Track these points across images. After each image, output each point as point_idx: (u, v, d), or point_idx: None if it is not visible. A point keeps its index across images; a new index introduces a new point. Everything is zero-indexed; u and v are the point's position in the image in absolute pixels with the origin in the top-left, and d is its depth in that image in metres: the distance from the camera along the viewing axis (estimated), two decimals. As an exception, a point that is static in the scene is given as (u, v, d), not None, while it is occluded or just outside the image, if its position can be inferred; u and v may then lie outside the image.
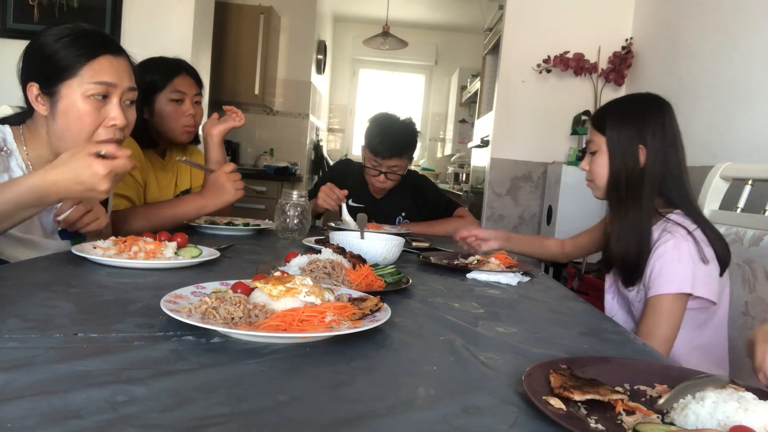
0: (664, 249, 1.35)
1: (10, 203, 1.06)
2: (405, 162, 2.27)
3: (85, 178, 1.05)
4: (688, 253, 1.33)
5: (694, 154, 2.51)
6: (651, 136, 1.40)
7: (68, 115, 1.24)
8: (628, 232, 1.41)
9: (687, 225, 1.37)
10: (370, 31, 5.71)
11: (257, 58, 4.57)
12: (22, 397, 0.54)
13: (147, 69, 1.84)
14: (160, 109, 1.84)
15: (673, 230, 1.37)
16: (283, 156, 5.15)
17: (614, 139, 1.44)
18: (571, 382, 0.64)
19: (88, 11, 3.10)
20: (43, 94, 1.25)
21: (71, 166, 1.06)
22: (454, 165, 6.22)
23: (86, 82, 1.24)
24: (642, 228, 1.40)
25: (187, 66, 1.93)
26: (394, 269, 1.23)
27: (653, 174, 1.40)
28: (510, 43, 3.46)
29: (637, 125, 1.42)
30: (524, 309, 1.14)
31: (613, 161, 1.45)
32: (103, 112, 1.27)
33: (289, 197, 1.78)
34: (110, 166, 1.06)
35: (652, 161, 1.40)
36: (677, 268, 1.33)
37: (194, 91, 1.91)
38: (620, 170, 1.43)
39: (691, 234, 1.35)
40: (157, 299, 0.82)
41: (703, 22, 2.63)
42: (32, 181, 1.07)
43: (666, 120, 1.43)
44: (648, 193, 1.40)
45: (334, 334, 0.76)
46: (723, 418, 0.57)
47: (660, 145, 1.40)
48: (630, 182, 1.42)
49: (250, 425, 0.53)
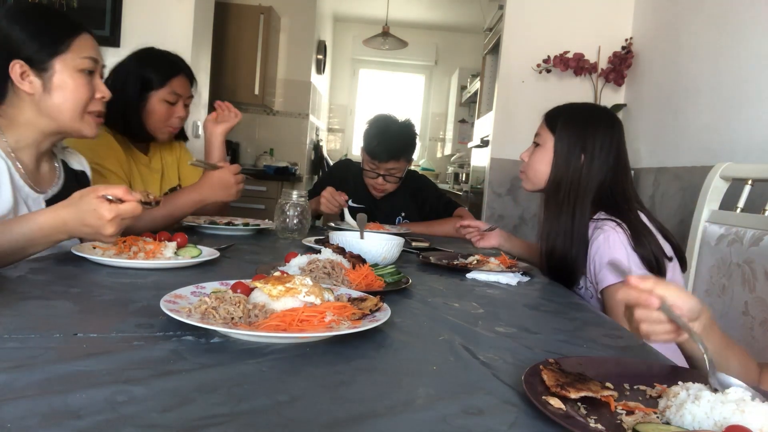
0: (597, 244, 1.42)
1: (21, 239, 1.07)
2: (403, 165, 2.26)
3: (91, 221, 1.06)
4: (619, 241, 1.39)
5: (694, 154, 2.52)
6: (597, 148, 1.46)
7: (65, 88, 1.27)
8: (559, 234, 1.47)
9: (614, 218, 1.44)
10: (370, 31, 5.71)
11: (257, 58, 4.58)
12: (22, 397, 0.54)
13: (146, 62, 1.84)
14: (152, 106, 1.82)
15: (601, 226, 1.43)
16: (283, 156, 5.15)
17: (561, 141, 1.50)
18: (564, 379, 0.64)
19: (88, 11, 3.10)
20: (35, 70, 1.25)
21: (80, 207, 1.06)
22: (454, 165, 6.22)
23: (78, 57, 1.28)
24: (574, 231, 1.45)
25: (185, 66, 1.91)
26: (394, 269, 1.23)
27: (588, 183, 1.46)
28: (510, 43, 3.46)
29: (585, 134, 1.48)
30: (524, 309, 1.14)
31: (556, 162, 1.50)
32: (92, 86, 1.32)
33: (288, 197, 1.78)
34: (116, 210, 1.06)
35: (587, 171, 1.46)
36: (614, 257, 1.38)
37: (188, 94, 1.90)
38: (561, 172, 1.49)
39: (620, 225, 1.41)
40: (157, 299, 0.82)
41: (703, 22, 2.63)
42: (43, 218, 1.07)
43: (614, 136, 1.49)
44: (581, 198, 1.46)
45: (334, 334, 0.76)
46: (720, 419, 0.57)
47: (604, 158, 1.46)
48: (568, 186, 1.48)
49: (250, 425, 0.53)
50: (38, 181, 1.33)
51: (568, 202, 1.47)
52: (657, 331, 0.73)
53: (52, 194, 1.35)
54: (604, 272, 1.39)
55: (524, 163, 1.59)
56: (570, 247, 1.45)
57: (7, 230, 1.06)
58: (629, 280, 0.73)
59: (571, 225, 1.46)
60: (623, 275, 0.75)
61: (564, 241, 1.46)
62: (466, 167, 5.65)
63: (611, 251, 1.38)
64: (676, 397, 0.62)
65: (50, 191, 1.35)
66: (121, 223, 1.08)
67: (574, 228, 1.45)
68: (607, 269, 1.38)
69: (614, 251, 1.38)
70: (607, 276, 1.39)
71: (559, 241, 1.47)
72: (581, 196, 1.46)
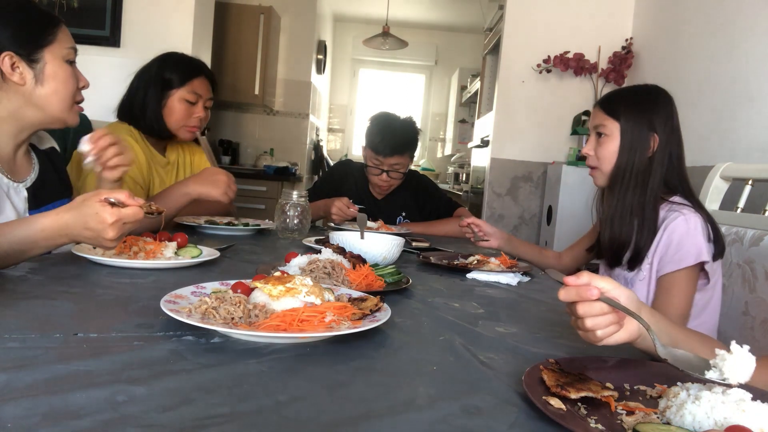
0: (675, 225, 1.40)
1: (23, 242, 1.07)
2: (406, 160, 2.27)
3: (93, 225, 1.06)
4: (698, 225, 1.39)
5: (694, 154, 2.52)
6: (661, 125, 1.45)
7: (56, 78, 1.30)
8: (627, 216, 1.45)
9: (689, 203, 1.44)
10: (370, 31, 5.71)
11: (257, 58, 4.58)
12: (22, 397, 0.54)
13: (168, 63, 1.87)
14: (172, 104, 1.86)
15: (679, 209, 1.42)
16: (283, 156, 5.15)
17: (629, 127, 1.47)
18: (564, 379, 0.64)
19: (88, 11, 3.10)
20: (25, 61, 1.27)
21: (82, 211, 1.06)
22: (454, 165, 6.22)
23: (64, 47, 1.31)
24: (645, 211, 1.44)
25: (207, 70, 1.97)
26: (394, 269, 1.23)
27: (661, 161, 1.45)
28: (510, 43, 3.46)
29: (649, 114, 1.46)
30: (524, 309, 1.14)
31: (625, 148, 1.47)
32: (76, 75, 1.35)
33: (289, 197, 1.78)
34: (118, 214, 1.06)
35: (661, 149, 1.45)
36: (691, 241, 1.38)
37: (208, 95, 1.93)
38: (630, 157, 1.46)
39: (698, 210, 1.41)
40: (157, 299, 0.82)
41: (703, 22, 2.63)
42: (45, 222, 1.07)
43: (672, 110, 1.49)
44: (657, 179, 1.45)
45: (334, 334, 0.76)
46: (720, 419, 0.57)
47: (668, 134, 1.46)
48: (636, 169, 1.45)
49: (250, 425, 0.53)
50: (15, 171, 1.34)
51: (636, 185, 1.45)
52: (601, 324, 0.74)
53: (31, 182, 1.36)
54: (680, 254, 1.38)
55: (590, 157, 1.54)
56: (641, 230, 1.44)
57: (8, 232, 1.06)
58: (566, 281, 0.75)
59: (642, 206, 1.44)
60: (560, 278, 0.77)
61: (630, 223, 1.45)
62: (466, 167, 5.65)
63: (691, 237, 1.37)
64: (677, 397, 0.62)
65: (29, 179, 1.37)
66: (123, 228, 1.08)
67: (645, 209, 1.44)
68: (683, 252, 1.38)
69: (694, 236, 1.38)
70: (683, 258, 1.38)
71: (632, 223, 1.45)
72: (656, 174, 1.44)
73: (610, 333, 0.75)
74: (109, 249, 1.14)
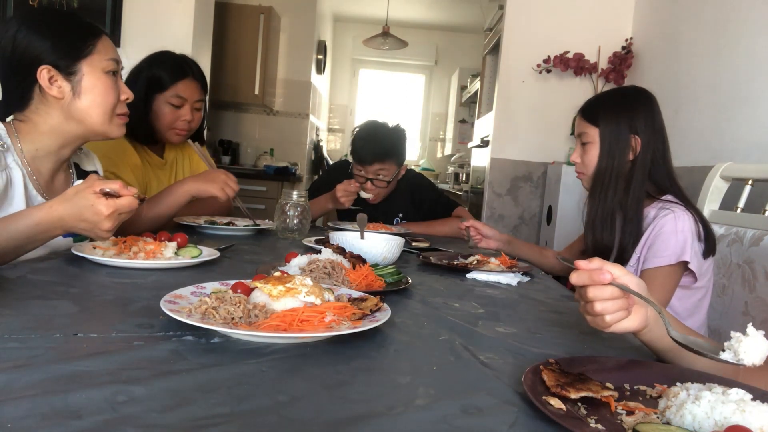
0: (664, 222, 1.42)
1: (19, 236, 1.07)
2: (390, 167, 2.23)
3: (88, 216, 1.06)
4: (688, 226, 1.40)
5: (694, 154, 2.52)
6: (642, 126, 1.47)
7: (95, 90, 1.28)
8: (608, 219, 1.47)
9: (681, 203, 1.45)
10: (370, 31, 5.71)
11: (257, 58, 4.58)
12: (22, 397, 0.54)
13: (155, 64, 1.84)
14: (157, 107, 1.84)
15: (671, 207, 1.44)
16: (283, 156, 5.16)
17: (608, 131, 1.49)
18: (564, 379, 0.64)
19: (88, 11, 3.10)
20: (63, 74, 1.25)
21: (76, 203, 1.06)
22: (454, 165, 6.22)
23: (104, 59, 1.29)
24: (627, 213, 1.46)
25: (196, 70, 1.91)
26: (394, 269, 1.23)
27: (644, 162, 1.47)
28: (510, 43, 3.46)
29: (629, 116, 1.48)
30: (524, 309, 1.14)
31: (604, 152, 1.49)
32: (117, 87, 1.33)
33: (289, 197, 1.78)
34: (114, 205, 1.06)
35: (644, 150, 1.47)
36: (675, 239, 1.39)
37: (196, 97, 1.89)
38: (609, 162, 1.48)
39: (689, 210, 1.42)
40: (157, 299, 0.82)
41: (703, 22, 2.63)
42: (39, 215, 1.07)
43: (654, 110, 1.50)
44: (639, 180, 1.47)
45: (334, 334, 0.76)
46: (720, 419, 0.57)
47: (650, 134, 1.47)
48: (616, 172, 1.48)
49: (250, 425, 0.53)
50: (53, 191, 1.32)
51: (616, 187, 1.47)
52: (610, 309, 0.74)
53: None
54: (660, 251, 1.40)
55: (578, 164, 1.58)
56: (624, 231, 1.46)
57: (3, 228, 1.05)
58: (578, 264, 0.76)
59: (623, 208, 1.46)
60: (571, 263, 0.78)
61: (611, 226, 1.47)
62: (466, 167, 5.65)
63: (676, 236, 1.39)
64: (677, 397, 0.62)
65: None
66: (119, 218, 1.08)
67: (627, 211, 1.46)
68: (662, 250, 1.39)
69: (679, 234, 1.39)
70: (661, 256, 1.39)
71: (607, 227, 1.47)
72: (638, 175, 1.46)
73: (618, 318, 0.75)
74: (104, 240, 1.14)
